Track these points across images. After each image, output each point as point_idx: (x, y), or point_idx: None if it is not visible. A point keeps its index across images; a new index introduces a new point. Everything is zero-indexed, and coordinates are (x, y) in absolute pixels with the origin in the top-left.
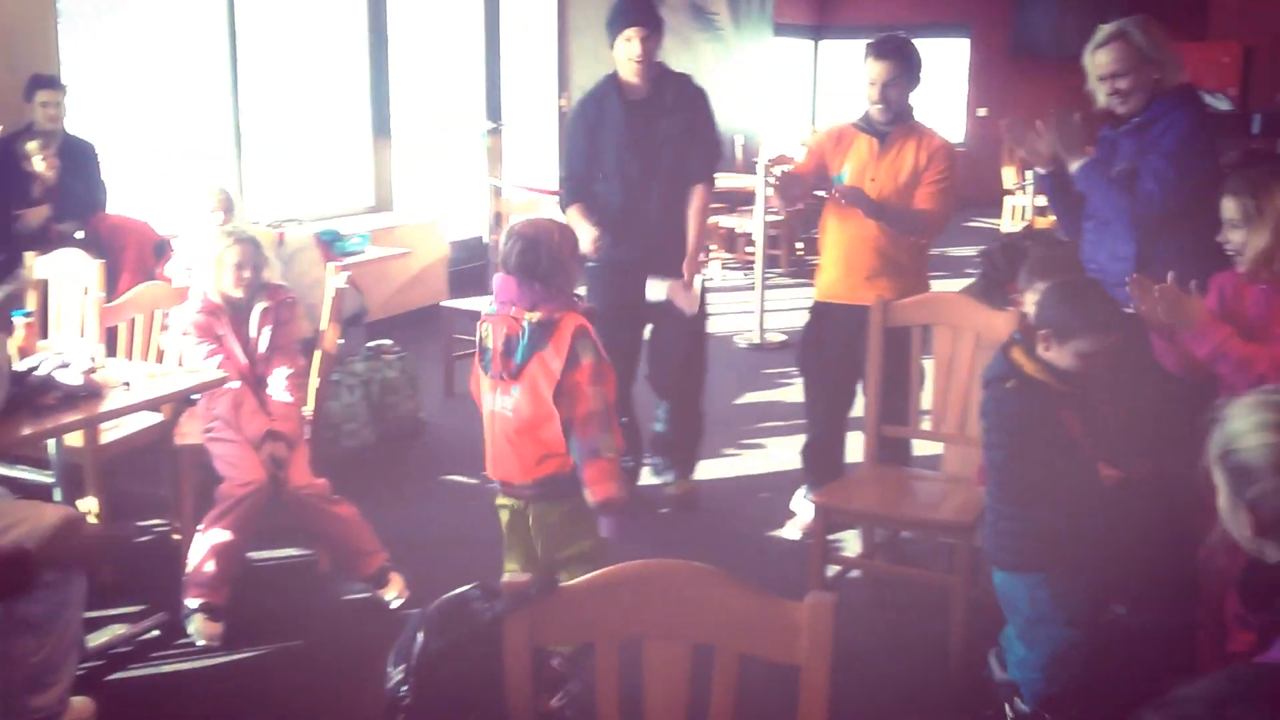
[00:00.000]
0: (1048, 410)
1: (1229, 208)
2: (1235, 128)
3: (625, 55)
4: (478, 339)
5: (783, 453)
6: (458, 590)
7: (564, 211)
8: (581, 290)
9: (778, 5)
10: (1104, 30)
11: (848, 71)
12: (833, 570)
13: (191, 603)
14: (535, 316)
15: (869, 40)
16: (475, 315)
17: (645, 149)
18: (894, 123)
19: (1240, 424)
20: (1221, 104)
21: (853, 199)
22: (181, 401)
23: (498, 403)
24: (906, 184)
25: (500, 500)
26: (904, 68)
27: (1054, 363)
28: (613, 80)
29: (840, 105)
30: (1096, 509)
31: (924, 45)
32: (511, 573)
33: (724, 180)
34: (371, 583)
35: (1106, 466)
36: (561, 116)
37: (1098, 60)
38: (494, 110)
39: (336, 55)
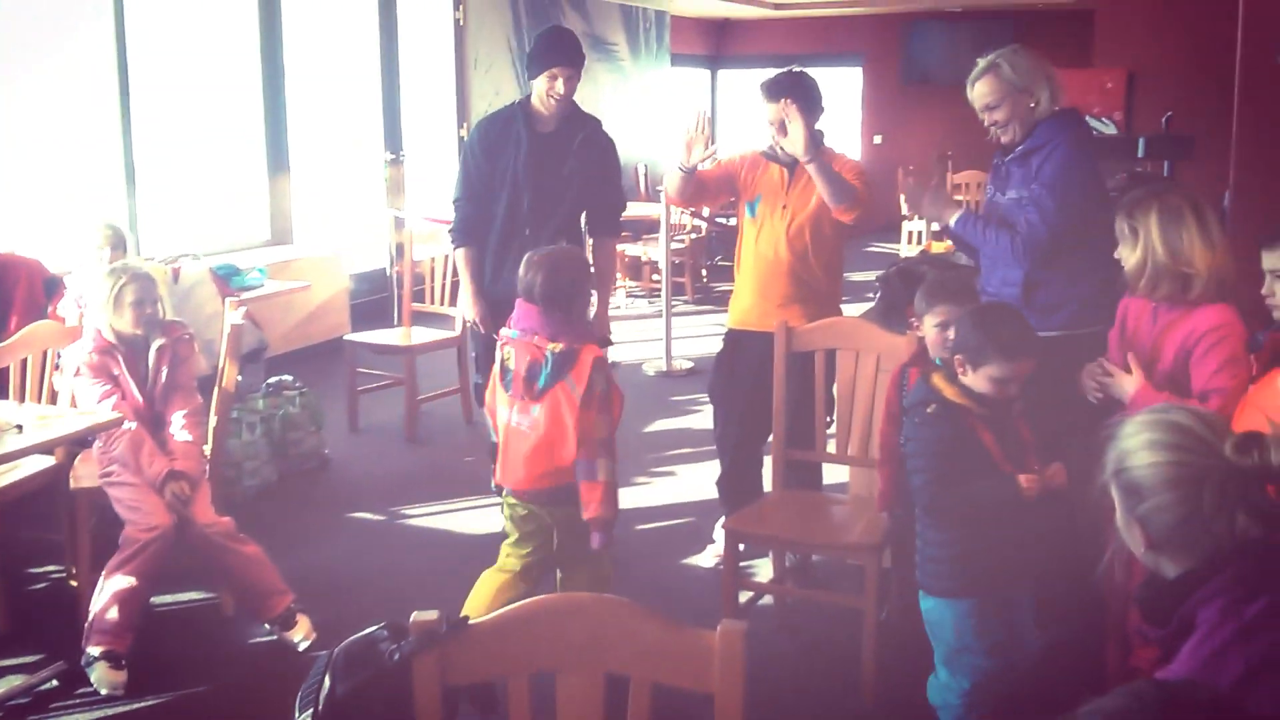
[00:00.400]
0: (968, 433)
1: (1116, 228)
2: (1122, 151)
3: (549, 91)
4: (499, 360)
5: (694, 479)
6: (365, 631)
7: (454, 249)
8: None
9: (674, 36)
10: (978, 64)
11: (745, 100)
12: (745, 596)
13: (94, 650)
14: (558, 347)
15: (762, 81)
16: (378, 348)
17: (544, 182)
18: None
19: (1131, 442)
20: (1107, 128)
21: (794, 142)
22: (75, 444)
23: (515, 419)
24: (818, 209)
25: (509, 500)
26: (799, 104)
27: (971, 387)
28: (523, 107)
29: (739, 134)
30: (1020, 532)
31: (817, 75)
32: (510, 555)
33: (628, 209)
34: (278, 625)
35: (1026, 476)
36: (462, 146)
37: (975, 93)
38: (393, 141)
39: (231, 87)
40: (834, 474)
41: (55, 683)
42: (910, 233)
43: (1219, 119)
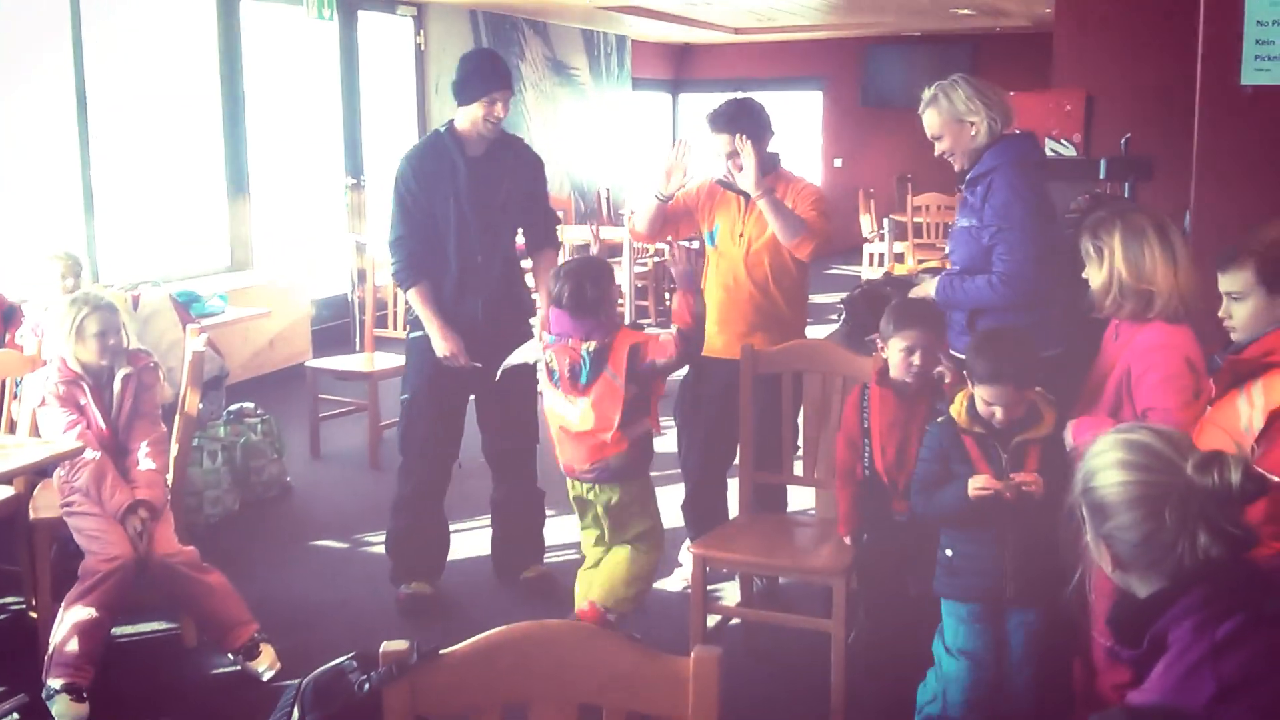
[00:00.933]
0: (955, 445)
1: (1081, 248)
2: (1083, 173)
3: (488, 115)
4: (544, 363)
5: (659, 503)
6: (333, 662)
7: (404, 291)
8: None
9: (636, 60)
10: (925, 94)
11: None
12: (713, 620)
13: (55, 683)
14: (592, 345)
15: (708, 112)
16: (340, 374)
17: (487, 207)
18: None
19: (1097, 461)
20: (1067, 150)
21: (746, 179)
22: (35, 474)
23: (564, 409)
24: (775, 236)
25: (570, 484)
26: (747, 134)
27: (976, 404)
28: (450, 135)
29: (700, 158)
30: (1003, 545)
31: (778, 98)
32: (584, 543)
33: (592, 233)
34: (242, 655)
35: (976, 479)
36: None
37: (924, 124)
38: (355, 165)
39: (191, 112)
40: (800, 497)
41: (16, 716)
42: (872, 255)
43: (1178, 141)
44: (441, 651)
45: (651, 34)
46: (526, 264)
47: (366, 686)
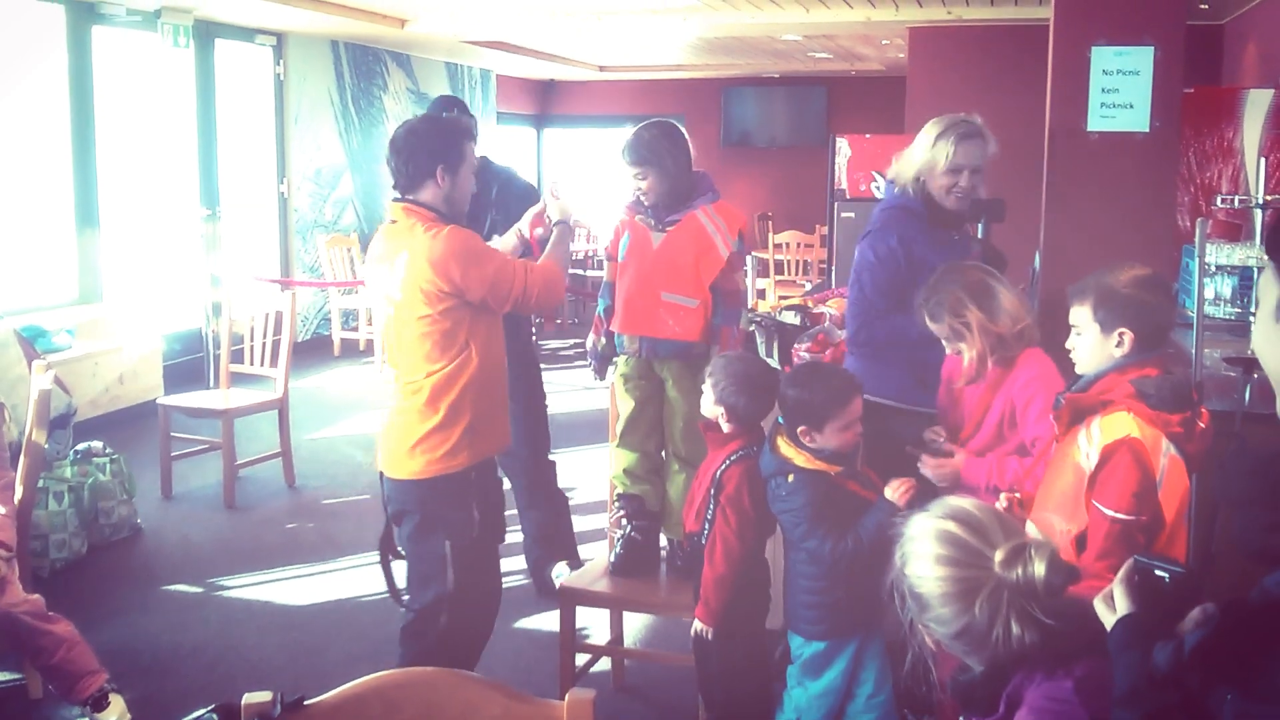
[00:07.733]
0: (836, 490)
1: (937, 330)
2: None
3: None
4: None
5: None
6: (193, 714)
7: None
8: None
9: (500, 94)
10: (965, 123)
11: (570, 158)
12: (583, 659)
13: None
14: None
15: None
16: (194, 412)
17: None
18: None
19: (913, 547)
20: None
21: None
22: None
23: None
24: None
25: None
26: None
27: (824, 448)
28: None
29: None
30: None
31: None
32: None
33: None
34: (90, 706)
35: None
36: (283, 202)
37: (956, 151)
38: (210, 196)
39: (39, 140)
40: None
41: None
42: None
43: (1028, 183)
44: (306, 702)
45: (516, 69)
46: None
47: None
